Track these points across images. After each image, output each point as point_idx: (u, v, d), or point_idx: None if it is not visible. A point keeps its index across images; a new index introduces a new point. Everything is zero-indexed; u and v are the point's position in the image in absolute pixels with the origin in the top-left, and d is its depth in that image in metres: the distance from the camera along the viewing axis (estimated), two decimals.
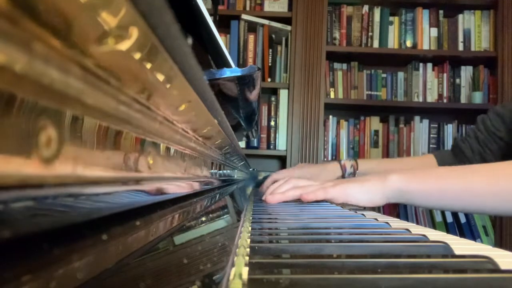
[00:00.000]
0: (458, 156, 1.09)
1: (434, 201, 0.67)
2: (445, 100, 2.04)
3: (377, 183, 0.68)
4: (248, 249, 0.28)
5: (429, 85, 2.04)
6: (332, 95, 2.03)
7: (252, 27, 2.00)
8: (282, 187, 0.77)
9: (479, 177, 0.64)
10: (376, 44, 2.03)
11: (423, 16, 2.05)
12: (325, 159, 2.00)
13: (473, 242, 0.37)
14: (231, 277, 0.20)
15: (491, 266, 0.25)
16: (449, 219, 1.96)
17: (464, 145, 1.08)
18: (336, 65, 2.06)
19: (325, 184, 0.73)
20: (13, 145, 0.09)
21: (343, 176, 1.12)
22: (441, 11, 2.05)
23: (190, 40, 0.58)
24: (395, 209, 2.00)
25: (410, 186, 0.66)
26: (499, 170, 0.64)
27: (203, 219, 0.36)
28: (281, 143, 1.98)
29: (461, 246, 0.32)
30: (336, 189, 0.69)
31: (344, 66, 2.07)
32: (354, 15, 2.05)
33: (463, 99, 2.04)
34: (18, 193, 0.10)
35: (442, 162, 1.09)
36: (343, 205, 0.74)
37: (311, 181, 0.78)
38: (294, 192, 0.74)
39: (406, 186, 0.67)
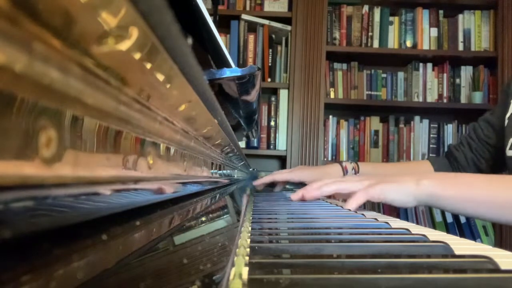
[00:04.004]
0: (452, 163, 1.09)
1: (463, 208, 0.69)
2: (445, 100, 2.04)
3: (411, 186, 0.69)
4: (248, 249, 0.28)
5: (429, 85, 2.04)
6: (332, 95, 2.03)
7: (252, 27, 1.99)
8: (329, 186, 0.78)
9: (504, 188, 0.67)
10: (376, 44, 2.03)
11: (423, 16, 2.05)
12: (325, 159, 2.00)
13: (473, 242, 0.37)
14: (231, 277, 0.20)
15: (491, 266, 0.25)
16: (449, 219, 1.96)
17: (458, 153, 1.07)
18: (336, 65, 2.06)
19: (365, 182, 0.74)
20: (13, 145, 0.09)
21: None
22: (441, 11, 2.05)
23: (190, 40, 0.58)
24: (395, 209, 1.99)
25: (444, 192, 0.68)
26: None
27: (203, 219, 0.36)
28: (281, 143, 1.98)
29: (461, 246, 0.32)
30: (376, 190, 0.70)
31: (344, 66, 2.07)
32: (354, 15, 2.05)
33: (463, 99, 2.04)
34: (18, 193, 0.10)
35: (438, 169, 1.09)
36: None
37: (354, 179, 0.78)
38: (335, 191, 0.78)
39: (440, 192, 0.68)
